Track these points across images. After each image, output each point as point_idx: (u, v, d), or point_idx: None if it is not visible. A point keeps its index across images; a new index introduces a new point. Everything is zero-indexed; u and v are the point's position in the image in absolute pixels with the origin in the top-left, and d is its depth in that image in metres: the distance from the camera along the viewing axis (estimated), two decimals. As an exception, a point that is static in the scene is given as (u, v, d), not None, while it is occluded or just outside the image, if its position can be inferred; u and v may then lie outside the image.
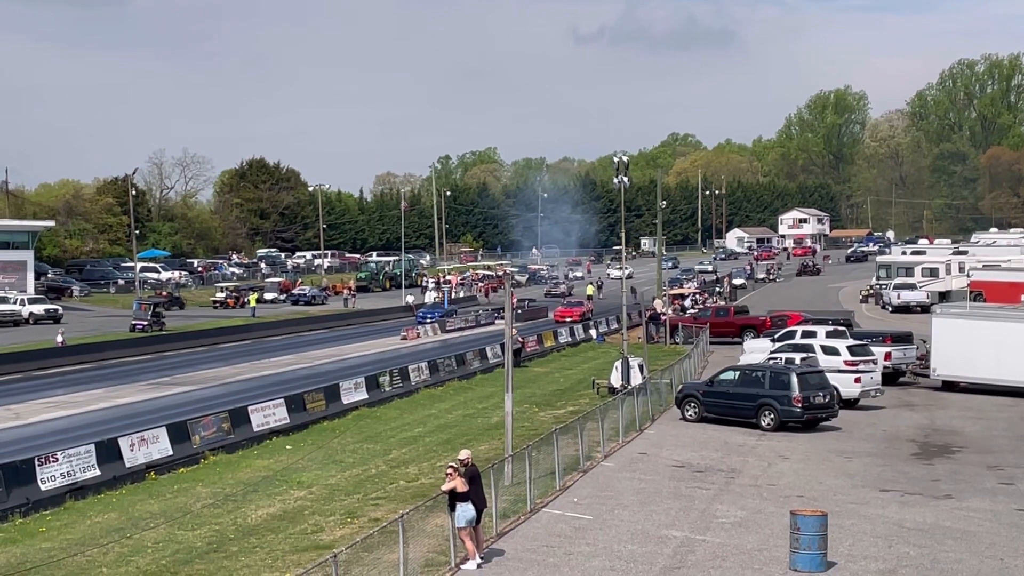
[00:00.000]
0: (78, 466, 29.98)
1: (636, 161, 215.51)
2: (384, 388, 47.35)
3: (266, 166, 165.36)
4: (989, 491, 30.02)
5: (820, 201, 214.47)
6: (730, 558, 23.05)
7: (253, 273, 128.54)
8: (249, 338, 75.62)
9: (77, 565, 23.26)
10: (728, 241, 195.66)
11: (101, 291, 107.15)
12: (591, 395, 47.09)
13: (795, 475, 31.66)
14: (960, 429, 40.07)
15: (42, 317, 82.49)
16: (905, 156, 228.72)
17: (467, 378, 54.04)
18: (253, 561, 23.22)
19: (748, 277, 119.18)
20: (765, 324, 64.96)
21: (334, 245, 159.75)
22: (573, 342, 71.70)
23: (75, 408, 45.25)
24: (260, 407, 39.01)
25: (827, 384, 39.64)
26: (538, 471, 28.16)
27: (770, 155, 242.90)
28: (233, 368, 58.56)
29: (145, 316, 76.62)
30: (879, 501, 28.55)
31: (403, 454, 34.91)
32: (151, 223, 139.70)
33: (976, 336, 47.87)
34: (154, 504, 28.79)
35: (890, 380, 49.11)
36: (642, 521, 26.02)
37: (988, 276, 76.40)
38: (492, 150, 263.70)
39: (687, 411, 40.65)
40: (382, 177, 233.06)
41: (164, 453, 33.31)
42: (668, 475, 31.34)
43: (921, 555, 23.49)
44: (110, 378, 54.59)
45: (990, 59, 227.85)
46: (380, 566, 21.66)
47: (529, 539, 24.35)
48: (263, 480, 31.31)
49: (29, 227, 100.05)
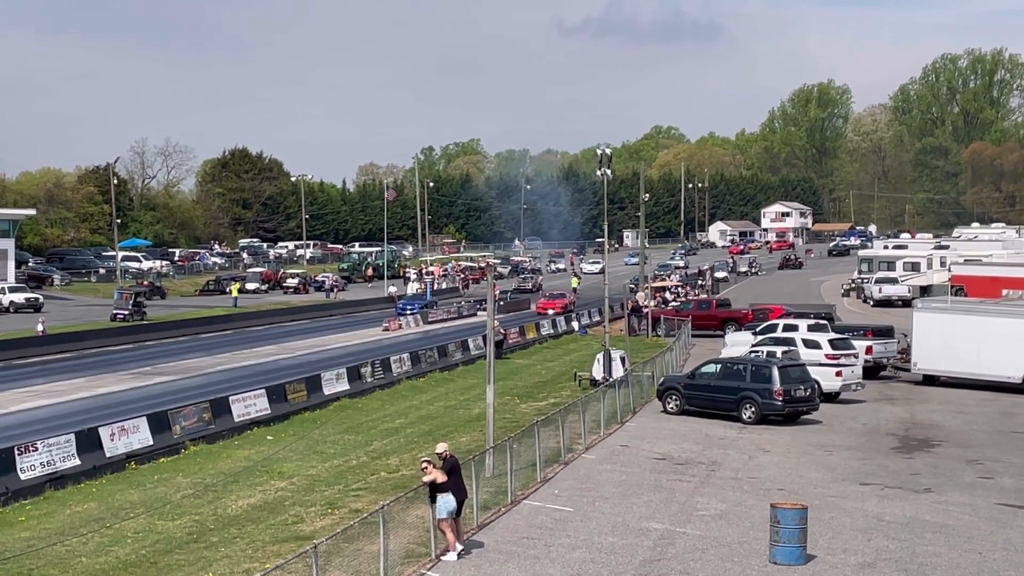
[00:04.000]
0: (58, 455, 29.85)
1: (619, 153, 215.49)
2: (366, 379, 47.27)
3: (249, 156, 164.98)
4: (968, 485, 30.14)
5: (803, 195, 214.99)
6: (710, 551, 23.09)
7: (235, 263, 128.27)
8: (231, 328, 75.46)
9: (56, 555, 23.18)
10: (711, 234, 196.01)
11: (82, 280, 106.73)
12: (573, 387, 47.11)
13: (776, 468, 31.74)
14: (940, 423, 40.22)
15: (23, 306, 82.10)
16: (888, 150, 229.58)
17: (449, 369, 53.99)
18: (233, 551, 23.17)
19: (730, 270, 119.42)
20: (747, 317, 65.09)
21: (316, 235, 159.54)
22: (555, 334, 71.68)
23: (55, 397, 45.04)
24: (241, 397, 38.88)
25: (808, 378, 39.72)
26: (519, 463, 28.15)
27: (753, 148, 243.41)
28: (214, 358, 58.41)
29: (126, 305, 76.32)
30: (859, 495, 28.63)
31: (384, 445, 34.88)
32: (133, 212, 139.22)
33: (957, 330, 48.05)
34: (134, 494, 28.70)
35: (871, 374, 49.29)
36: (623, 513, 26.05)
37: (969, 271, 76.78)
38: (475, 141, 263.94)
39: (668, 404, 40.70)
40: (365, 168, 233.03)
41: (144, 443, 33.18)
42: (649, 467, 31.38)
43: (900, 548, 23.57)
44: (91, 367, 54.37)
45: (973, 54, 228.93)
46: (360, 557, 21.64)
47: (510, 531, 24.36)
48: (244, 470, 31.24)
49: (10, 215, 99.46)
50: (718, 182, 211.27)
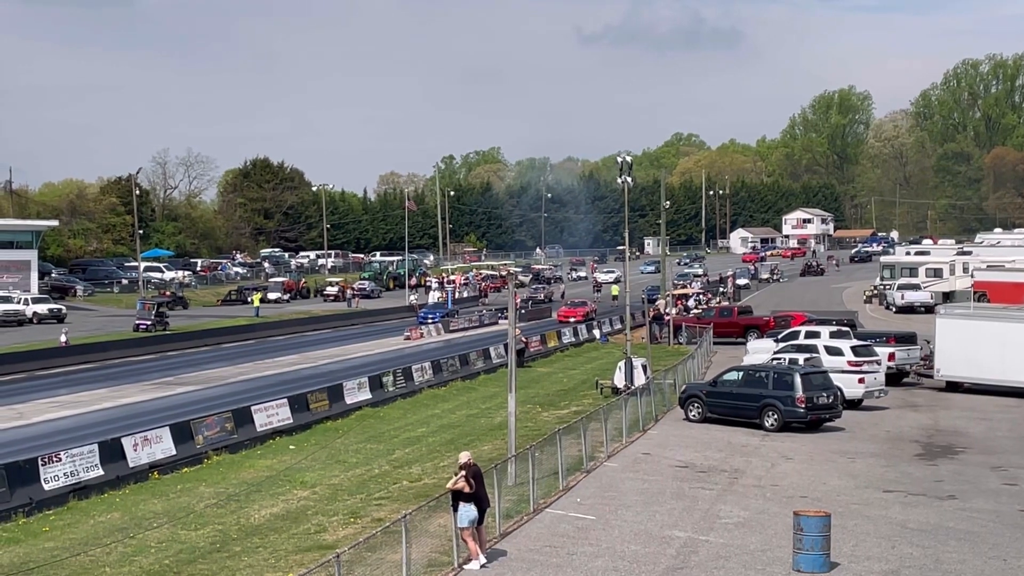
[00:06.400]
0: (81, 466, 30.00)
1: (640, 161, 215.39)
2: (388, 388, 47.35)
3: (270, 166, 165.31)
4: (992, 492, 30.00)
5: (824, 201, 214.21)
6: (733, 558, 23.04)
7: (257, 273, 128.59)
8: (252, 338, 75.64)
9: (80, 565, 23.27)
10: (732, 241, 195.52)
11: (105, 291, 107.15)
12: (594, 395, 47.06)
13: (798, 476, 31.64)
14: (964, 430, 40.02)
15: (46, 317, 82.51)
16: (909, 156, 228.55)
17: (471, 378, 54.03)
18: (256, 561, 23.22)
19: (752, 277, 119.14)
20: (769, 324, 64.90)
21: (338, 245, 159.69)
22: (577, 342, 71.68)
23: (78, 408, 45.26)
24: (263, 407, 39.02)
25: (831, 385, 39.59)
26: (541, 471, 28.15)
27: (774, 155, 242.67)
28: (236, 368, 58.57)
29: (149, 316, 76.62)
30: (882, 502, 28.52)
31: (406, 454, 34.91)
32: (155, 223, 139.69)
33: (980, 337, 47.79)
34: (157, 504, 28.81)
35: (894, 381, 49.06)
36: (645, 521, 26.00)
37: (992, 276, 76.40)
38: (496, 150, 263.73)
39: (690, 411, 40.62)
40: (386, 177, 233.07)
41: (167, 453, 33.33)
42: (671, 475, 31.33)
43: (924, 556, 23.47)
44: (113, 378, 54.60)
45: (994, 59, 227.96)
46: (383, 566, 21.66)
47: (532, 539, 24.34)
48: (266, 480, 31.31)
49: (33, 227, 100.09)
50: (739, 189, 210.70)
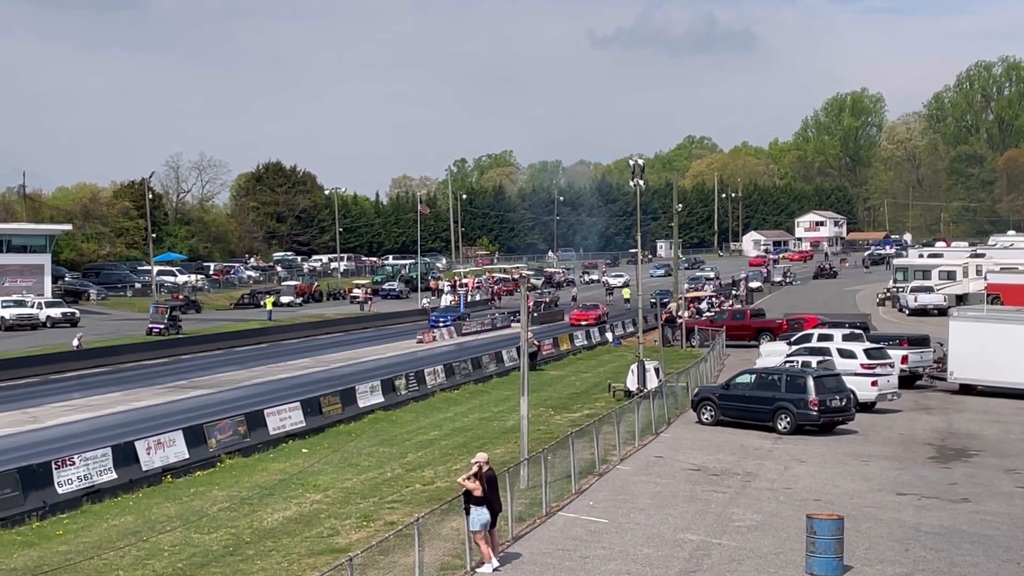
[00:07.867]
0: (95, 469, 30.05)
1: (652, 164, 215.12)
2: (400, 391, 47.37)
3: (282, 169, 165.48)
4: (1006, 495, 29.91)
5: (837, 204, 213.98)
6: (746, 562, 23.00)
7: (269, 276, 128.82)
8: (265, 341, 75.76)
9: (94, 568, 23.31)
10: (744, 244, 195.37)
11: (118, 295, 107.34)
12: (607, 398, 47.05)
13: (811, 479, 31.59)
14: (977, 432, 39.92)
15: (59, 321, 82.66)
16: (922, 159, 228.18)
17: (483, 381, 54.04)
18: (269, 564, 23.24)
19: (764, 280, 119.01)
20: (781, 327, 64.83)
21: (350, 248, 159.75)
22: (589, 345, 71.67)
23: (92, 411, 45.34)
24: (276, 410, 39.05)
25: (844, 387, 39.51)
26: (554, 474, 28.12)
27: (787, 158, 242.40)
28: (249, 371, 58.66)
29: (162, 319, 76.76)
30: (896, 505, 28.46)
31: (419, 457, 34.91)
32: (168, 227, 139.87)
33: (993, 339, 47.68)
34: (170, 507, 28.85)
35: (907, 383, 48.96)
36: (658, 525, 25.98)
37: (1005, 279, 76.23)
38: (508, 153, 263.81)
39: (703, 414, 40.59)
40: (398, 180, 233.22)
41: (180, 456, 33.37)
42: (684, 478, 31.29)
43: (938, 559, 23.41)
44: (127, 381, 54.70)
45: (1008, 61, 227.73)
46: (396, 569, 21.66)
47: (545, 542, 24.33)
48: (279, 483, 31.34)
49: (46, 231, 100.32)
50: (751, 192, 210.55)
